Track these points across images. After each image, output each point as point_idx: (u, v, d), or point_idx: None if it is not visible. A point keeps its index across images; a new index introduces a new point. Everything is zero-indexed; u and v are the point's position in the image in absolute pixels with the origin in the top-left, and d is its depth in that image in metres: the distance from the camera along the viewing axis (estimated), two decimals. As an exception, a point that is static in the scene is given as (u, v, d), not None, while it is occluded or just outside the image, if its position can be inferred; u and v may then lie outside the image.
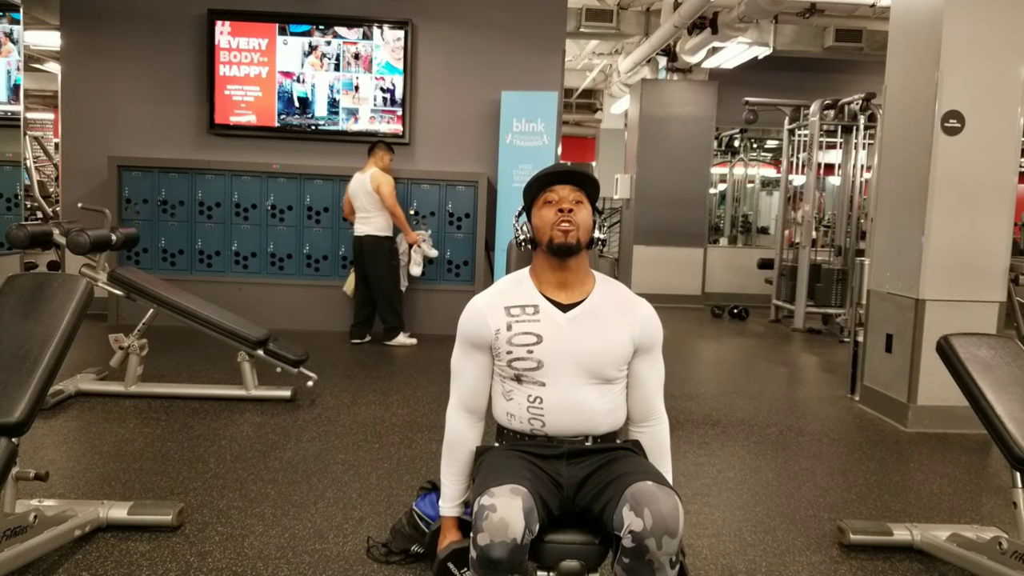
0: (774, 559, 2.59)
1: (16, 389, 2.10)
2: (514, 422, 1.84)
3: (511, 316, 1.81)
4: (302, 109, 6.38)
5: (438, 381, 4.87)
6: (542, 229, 1.82)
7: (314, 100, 6.39)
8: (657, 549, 1.55)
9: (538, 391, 1.80)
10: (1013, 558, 2.31)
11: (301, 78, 6.36)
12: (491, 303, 1.84)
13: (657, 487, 1.61)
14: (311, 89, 6.38)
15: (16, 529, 2.21)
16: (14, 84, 5.64)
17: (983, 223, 4.13)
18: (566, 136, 12.60)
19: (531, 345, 1.78)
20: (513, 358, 1.80)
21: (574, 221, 1.78)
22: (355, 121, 6.41)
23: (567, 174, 1.83)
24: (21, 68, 5.69)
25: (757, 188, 11.57)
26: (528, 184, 1.87)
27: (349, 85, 6.39)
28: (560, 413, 1.80)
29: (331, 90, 6.38)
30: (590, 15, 8.05)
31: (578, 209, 1.81)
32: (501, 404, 1.87)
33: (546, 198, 1.83)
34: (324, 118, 6.40)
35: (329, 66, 6.36)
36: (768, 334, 7.45)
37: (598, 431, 1.83)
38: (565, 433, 1.82)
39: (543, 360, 1.78)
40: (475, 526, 1.57)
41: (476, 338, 1.84)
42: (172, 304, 4.17)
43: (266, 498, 2.92)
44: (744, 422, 4.26)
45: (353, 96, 6.40)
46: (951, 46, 4.01)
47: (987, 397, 2.36)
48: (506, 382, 1.84)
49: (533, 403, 1.80)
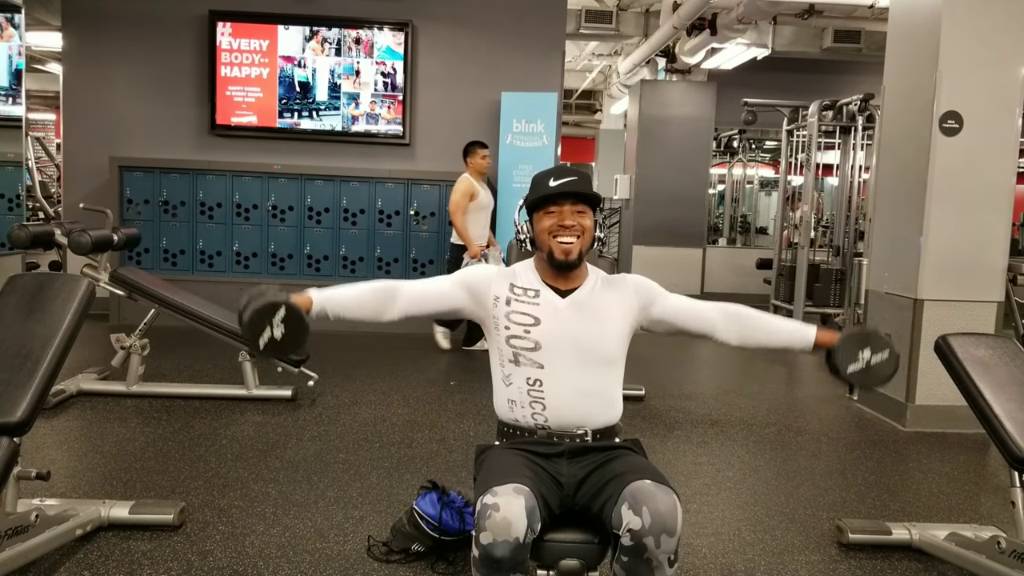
0: (773, 558, 2.60)
1: (18, 389, 2.11)
2: (516, 409, 1.86)
3: (513, 293, 1.88)
4: (303, 94, 6.38)
5: (438, 381, 4.87)
6: (543, 240, 1.87)
7: (315, 85, 6.38)
8: (656, 548, 1.56)
9: (537, 373, 1.83)
10: (1012, 557, 2.32)
11: (302, 63, 6.36)
12: (501, 273, 1.93)
13: (655, 486, 1.63)
14: (312, 74, 6.37)
15: (17, 528, 2.21)
16: (16, 69, 5.63)
17: (981, 223, 4.14)
18: (566, 137, 12.58)
19: (529, 326, 1.84)
20: (511, 335, 1.84)
21: (576, 235, 1.84)
22: (356, 106, 6.40)
23: (570, 191, 1.84)
24: (23, 53, 5.68)
25: (756, 188, 11.59)
26: (532, 187, 1.90)
27: (350, 70, 6.39)
28: (560, 397, 1.82)
29: (332, 75, 6.38)
30: (589, 16, 8.05)
31: (580, 220, 1.85)
32: (502, 392, 1.89)
33: (548, 209, 1.86)
34: (325, 103, 6.39)
35: (330, 51, 6.36)
36: (767, 334, 7.44)
37: (597, 422, 1.85)
38: (565, 422, 1.83)
39: (540, 341, 1.82)
40: (478, 525, 1.57)
41: (474, 287, 1.90)
42: (173, 304, 4.18)
43: (267, 497, 2.93)
44: (743, 422, 4.27)
45: (354, 81, 6.40)
46: (949, 47, 4.02)
47: (985, 397, 2.36)
48: (505, 365, 1.87)
49: (533, 386, 1.83)
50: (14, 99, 5.71)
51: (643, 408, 4.43)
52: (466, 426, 3.93)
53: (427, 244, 6.53)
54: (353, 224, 6.49)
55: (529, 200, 1.90)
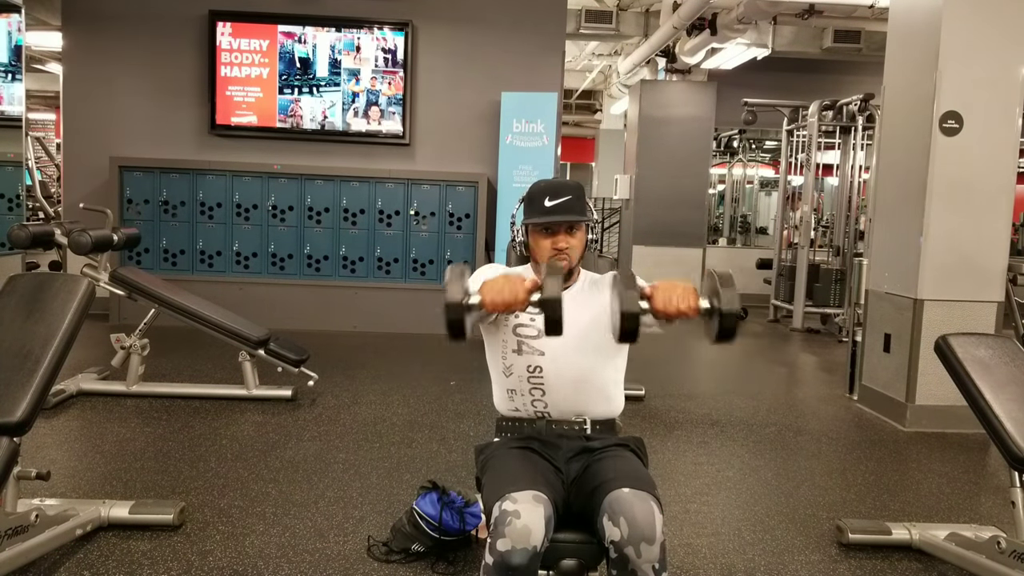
0: (773, 558, 2.60)
1: (18, 389, 2.11)
2: (516, 399, 1.87)
3: None
4: (303, 70, 6.36)
5: (438, 381, 4.87)
6: (538, 254, 1.87)
7: (315, 61, 6.37)
8: (637, 557, 1.54)
9: (537, 360, 1.84)
10: (1011, 557, 2.32)
11: (302, 38, 6.34)
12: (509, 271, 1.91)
13: (633, 493, 1.60)
14: (312, 50, 6.35)
15: (18, 528, 2.22)
16: (15, 45, 5.60)
17: (981, 223, 4.14)
18: (566, 137, 12.60)
19: (535, 314, 1.82)
20: (518, 323, 1.85)
21: (569, 255, 1.84)
22: (356, 82, 6.38)
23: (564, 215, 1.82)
24: (23, 29, 5.65)
25: (756, 188, 11.59)
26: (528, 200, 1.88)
27: (350, 46, 6.37)
28: (559, 381, 1.83)
29: (332, 51, 6.36)
30: (590, 16, 8.05)
31: (572, 239, 1.85)
32: (502, 383, 1.90)
33: (543, 231, 1.85)
34: (325, 79, 6.38)
35: (330, 26, 6.35)
36: (767, 334, 7.46)
37: (596, 412, 1.86)
38: (565, 408, 1.84)
39: (543, 329, 1.81)
40: (496, 531, 1.56)
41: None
42: (173, 304, 4.18)
43: (267, 497, 2.93)
44: (743, 422, 4.27)
45: (354, 57, 6.38)
46: (949, 47, 4.02)
47: (985, 397, 2.36)
48: (508, 355, 1.87)
49: (533, 372, 1.84)
50: (14, 75, 5.67)
51: (643, 408, 4.43)
52: (466, 426, 3.93)
53: (427, 244, 6.53)
54: (353, 224, 6.49)
55: (525, 218, 1.90)
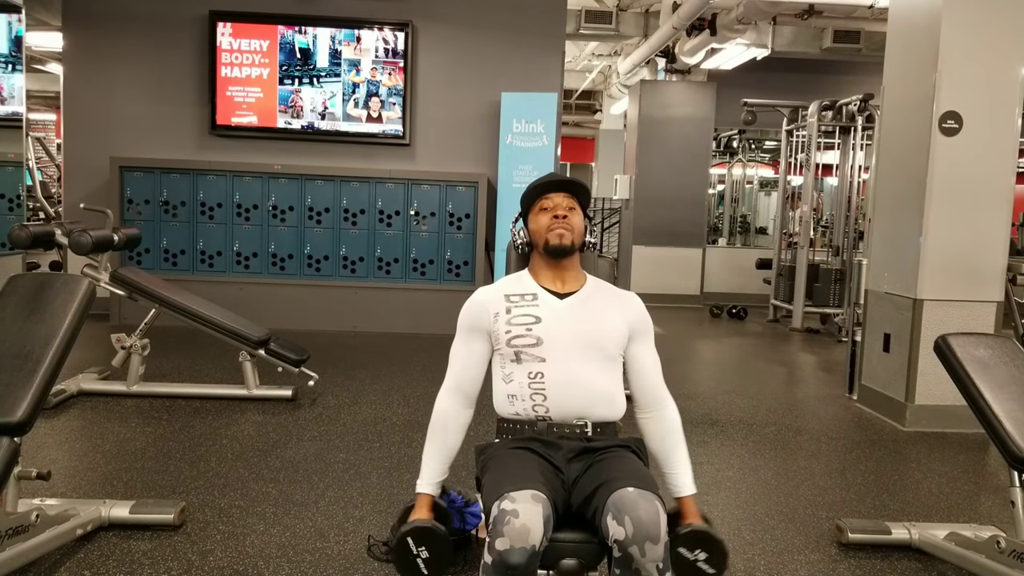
0: (773, 558, 2.61)
1: (18, 389, 2.12)
2: (516, 403, 1.86)
3: (510, 302, 1.91)
4: (303, 60, 6.35)
5: (438, 381, 4.85)
6: (539, 233, 1.94)
7: (316, 51, 6.36)
8: (641, 556, 1.55)
9: (539, 367, 1.84)
10: (1011, 557, 2.32)
11: (303, 29, 6.34)
12: (490, 292, 1.96)
13: (638, 493, 1.61)
14: (312, 40, 6.35)
15: (18, 528, 2.22)
16: (15, 36, 5.59)
17: (981, 223, 4.14)
18: (565, 137, 12.61)
19: (530, 324, 1.86)
20: (513, 336, 1.86)
21: (568, 225, 1.92)
22: (357, 72, 6.38)
23: (561, 182, 1.97)
24: (23, 20, 5.65)
25: (755, 188, 11.59)
26: (525, 193, 2.00)
27: (351, 36, 6.37)
28: (561, 387, 1.83)
29: (333, 41, 6.36)
30: (589, 16, 8.06)
31: (571, 215, 1.94)
32: (502, 389, 1.90)
33: (542, 205, 1.96)
34: (326, 69, 6.38)
35: (330, 26, 6.34)
36: (766, 334, 7.46)
37: (597, 414, 1.85)
38: (566, 412, 1.84)
39: (542, 337, 1.85)
40: (494, 530, 1.56)
41: (475, 323, 1.93)
42: (174, 304, 4.18)
43: (267, 497, 2.94)
44: (743, 421, 4.27)
45: (355, 47, 6.37)
46: (949, 47, 4.03)
47: (985, 397, 2.37)
48: (507, 365, 1.88)
49: (534, 379, 1.84)
50: (14, 66, 5.67)
51: (643, 408, 4.42)
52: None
53: (427, 244, 6.53)
54: (353, 224, 6.49)
55: (524, 194, 1.99)
